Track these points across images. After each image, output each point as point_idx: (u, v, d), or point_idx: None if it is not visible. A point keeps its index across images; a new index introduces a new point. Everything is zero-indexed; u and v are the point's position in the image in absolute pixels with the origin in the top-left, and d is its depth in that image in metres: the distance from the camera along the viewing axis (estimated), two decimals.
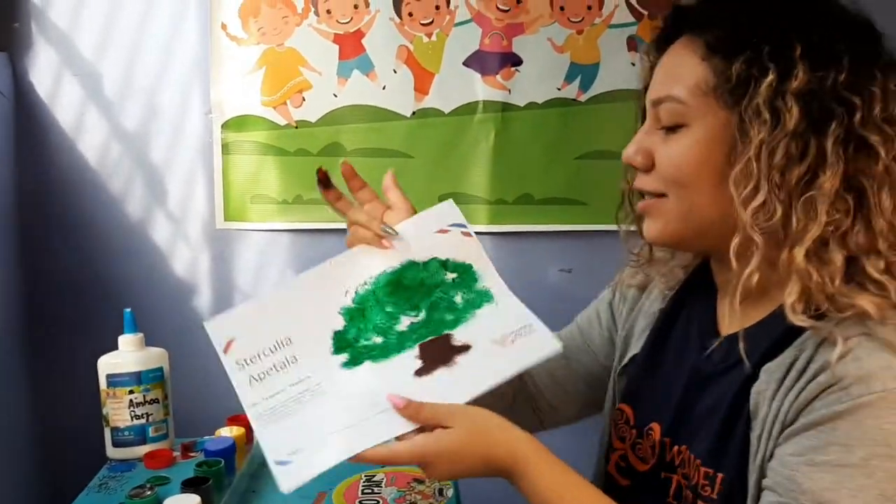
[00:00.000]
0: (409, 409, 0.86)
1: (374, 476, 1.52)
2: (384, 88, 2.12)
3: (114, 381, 1.60)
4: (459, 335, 0.95)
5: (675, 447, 0.97)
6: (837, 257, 0.81)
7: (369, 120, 2.13)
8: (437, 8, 2.09)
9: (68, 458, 1.96)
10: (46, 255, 2.14)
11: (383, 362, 0.94)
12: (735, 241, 0.85)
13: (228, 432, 1.58)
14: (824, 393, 0.78)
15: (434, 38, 2.10)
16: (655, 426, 1.00)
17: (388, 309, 0.97)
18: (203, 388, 2.10)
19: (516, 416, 0.92)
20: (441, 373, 0.92)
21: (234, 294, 2.19)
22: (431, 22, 2.10)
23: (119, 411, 1.60)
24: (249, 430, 1.61)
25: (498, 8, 2.09)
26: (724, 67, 0.85)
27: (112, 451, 1.63)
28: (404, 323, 0.96)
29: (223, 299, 2.17)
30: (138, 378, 1.61)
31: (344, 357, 0.95)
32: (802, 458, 0.78)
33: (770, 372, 0.85)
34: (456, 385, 0.90)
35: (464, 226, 0.99)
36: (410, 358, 0.94)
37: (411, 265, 0.98)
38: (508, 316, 0.95)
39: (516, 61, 2.10)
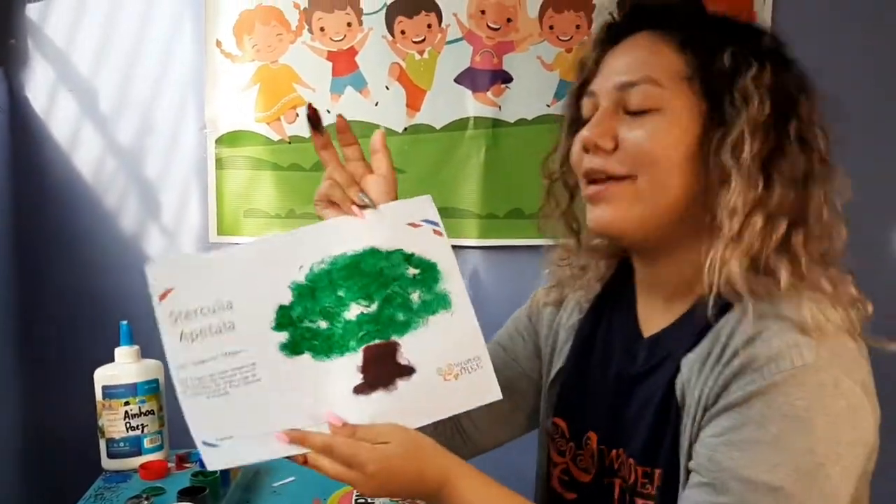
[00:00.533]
0: (345, 430, 0.85)
1: None
2: (377, 105, 2.16)
3: (110, 392, 1.62)
4: (406, 348, 0.91)
5: (613, 451, 0.99)
6: (781, 228, 0.87)
7: (362, 135, 2.07)
8: (429, 26, 2.13)
9: (64, 470, 1.97)
10: (42, 268, 2.15)
11: (324, 362, 0.90)
12: (705, 221, 0.89)
13: None
14: (738, 375, 0.82)
15: (426, 55, 2.14)
16: (592, 435, 1.02)
17: (340, 293, 0.92)
18: None
19: (439, 437, 0.93)
20: (379, 396, 0.89)
21: None
22: (423, 40, 2.14)
23: (114, 423, 1.62)
24: None
25: (489, 26, 2.13)
26: (703, 60, 0.90)
27: (107, 463, 1.65)
28: (353, 311, 0.92)
29: None
30: (134, 390, 1.63)
31: (283, 336, 0.90)
32: (721, 439, 0.82)
33: (691, 362, 0.88)
34: (388, 414, 0.89)
35: (436, 224, 0.95)
36: (352, 365, 0.90)
37: (374, 252, 0.93)
38: (460, 336, 0.93)
39: (506, 79, 2.14)
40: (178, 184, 2.19)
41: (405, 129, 2.15)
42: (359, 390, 0.89)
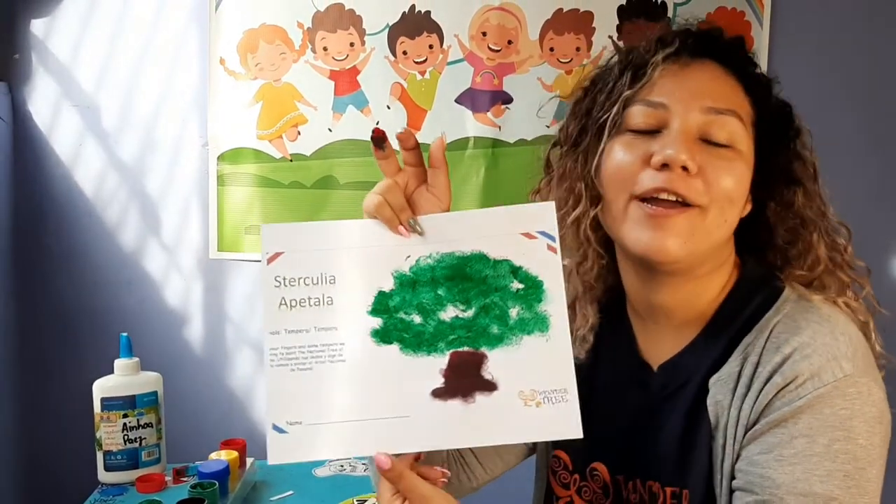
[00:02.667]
0: (391, 473, 0.84)
1: (365, 501, 1.53)
2: (378, 123, 2.17)
3: (108, 404, 1.61)
4: (493, 362, 0.88)
5: (630, 483, 0.98)
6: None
7: (363, 154, 2.18)
8: (431, 47, 2.16)
9: (60, 482, 1.96)
10: (42, 282, 2.16)
11: (410, 357, 0.89)
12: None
13: (222, 456, 1.58)
14: (782, 392, 0.84)
15: (427, 75, 2.16)
16: (600, 466, 1.01)
17: (440, 291, 0.90)
18: (195, 415, 2.12)
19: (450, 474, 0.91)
20: (455, 405, 0.87)
21: (226, 323, 2.21)
22: (425, 60, 2.16)
23: (112, 435, 1.61)
24: (243, 454, 1.63)
25: (490, 48, 2.15)
26: (758, 110, 0.93)
27: (104, 476, 1.63)
28: (449, 313, 0.90)
29: (216, 328, 2.20)
30: (133, 402, 1.62)
31: (377, 322, 0.89)
32: (771, 455, 0.84)
33: (721, 382, 0.90)
34: (459, 425, 0.87)
35: (553, 238, 0.90)
36: (436, 367, 0.89)
37: (481, 257, 0.90)
38: (551, 363, 0.88)
39: (507, 99, 2.17)
40: (179, 200, 2.20)
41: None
42: (437, 394, 0.88)
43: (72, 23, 2.14)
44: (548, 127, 2.15)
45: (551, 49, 2.16)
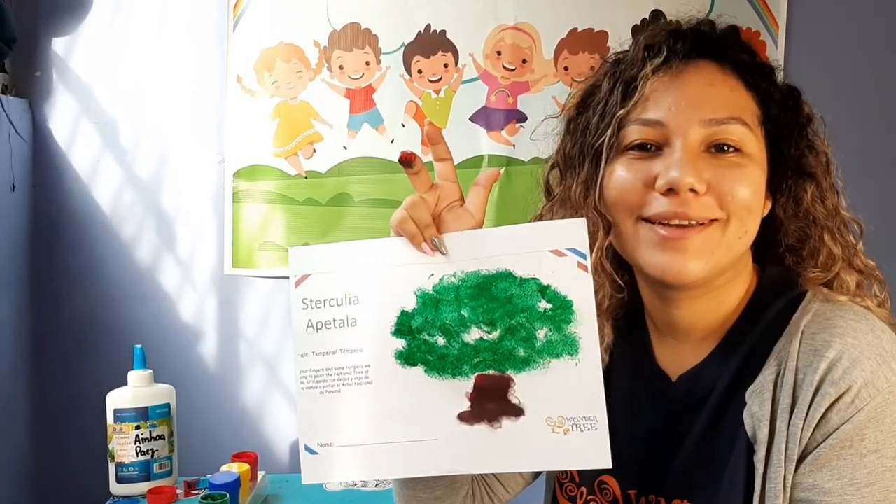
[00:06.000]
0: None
1: None
2: (392, 142, 2.19)
3: (121, 416, 1.62)
4: (519, 386, 0.86)
5: (643, 498, 0.94)
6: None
7: (377, 172, 2.19)
8: (446, 66, 2.17)
9: (72, 494, 1.97)
10: (58, 296, 2.18)
11: (436, 380, 0.87)
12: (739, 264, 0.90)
13: (233, 468, 1.58)
14: (837, 404, 0.80)
15: (442, 94, 2.18)
16: (610, 480, 0.97)
17: (464, 311, 0.87)
18: (207, 429, 2.12)
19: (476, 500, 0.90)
20: (480, 429, 0.85)
21: (240, 338, 2.22)
22: (440, 79, 2.18)
23: (125, 447, 1.62)
24: (254, 467, 1.63)
25: (504, 67, 2.17)
26: (764, 105, 0.89)
27: (115, 488, 1.64)
28: (474, 335, 0.87)
29: (229, 343, 2.21)
30: (145, 414, 1.62)
31: (400, 344, 0.87)
32: (846, 481, 0.79)
33: (757, 392, 0.85)
34: (486, 450, 0.85)
35: (583, 256, 0.85)
36: (461, 391, 0.87)
37: (508, 276, 0.87)
38: (580, 389, 0.85)
39: (521, 118, 2.18)
40: (195, 216, 2.21)
41: None
42: (462, 418, 0.86)
43: (92, 42, 2.17)
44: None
45: (566, 68, 2.17)
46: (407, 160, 0.87)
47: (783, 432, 0.82)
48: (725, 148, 0.85)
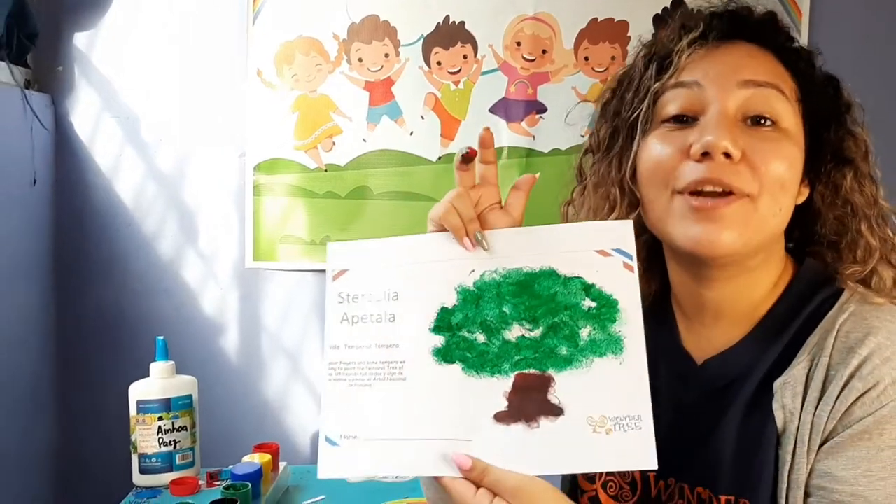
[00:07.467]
0: (473, 473, 0.79)
1: None
2: (412, 134, 2.18)
3: (144, 407, 1.63)
4: (560, 385, 0.83)
5: (661, 482, 0.94)
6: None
7: (397, 164, 2.19)
8: (465, 57, 2.17)
9: (96, 485, 1.99)
10: (80, 289, 2.19)
11: (472, 378, 0.85)
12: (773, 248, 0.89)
13: (255, 459, 1.59)
14: (861, 399, 0.79)
15: (461, 85, 2.17)
16: None
17: (505, 308, 0.86)
18: (229, 421, 2.13)
19: None
20: (518, 429, 0.83)
21: (261, 331, 2.23)
22: (459, 70, 2.17)
23: (147, 438, 1.63)
24: (276, 457, 1.63)
25: (524, 58, 2.16)
26: (803, 85, 0.88)
27: (138, 479, 1.65)
28: (515, 332, 0.85)
29: (251, 336, 2.22)
30: (168, 405, 1.63)
31: (439, 341, 0.86)
32: (860, 471, 0.79)
33: (789, 385, 0.84)
34: (522, 451, 0.82)
35: (629, 256, 0.84)
36: (499, 389, 0.84)
37: (551, 274, 0.85)
38: (624, 388, 0.83)
39: (541, 109, 2.17)
40: (216, 209, 2.22)
41: (439, 157, 2.18)
42: (499, 418, 0.83)
43: (113, 36, 2.19)
44: (582, 136, 2.14)
45: (586, 58, 2.16)
46: (472, 157, 0.86)
47: (807, 423, 0.82)
48: (762, 121, 0.83)
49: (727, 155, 0.81)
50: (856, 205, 0.89)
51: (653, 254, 0.97)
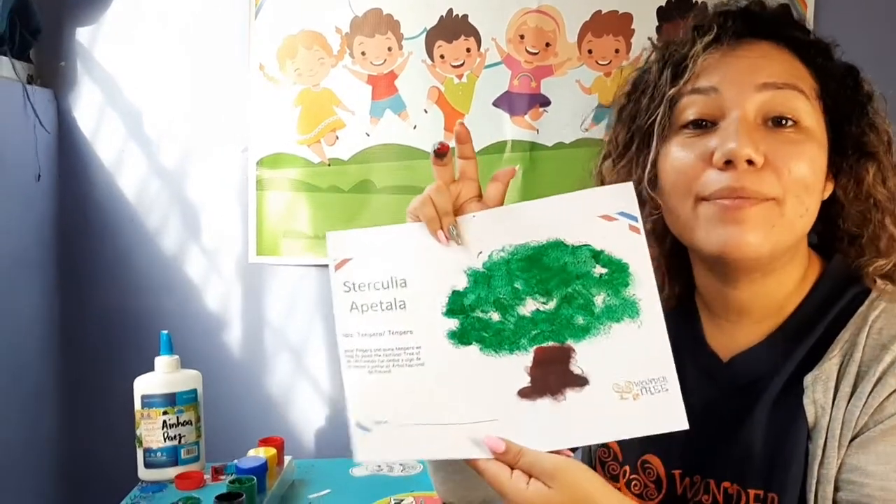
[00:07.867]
0: (507, 456, 0.78)
1: (402, 500, 1.53)
2: (415, 128, 2.18)
3: (148, 401, 1.63)
4: (581, 355, 0.82)
5: (688, 479, 0.93)
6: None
7: (400, 158, 2.19)
8: (468, 51, 2.16)
9: (101, 479, 1.99)
10: (84, 285, 2.20)
11: (491, 357, 0.84)
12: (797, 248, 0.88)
13: (260, 453, 1.59)
14: (894, 394, 0.79)
15: (464, 79, 2.17)
16: (653, 459, 0.96)
17: (517, 285, 0.85)
18: (233, 415, 2.13)
19: None
20: (545, 404, 0.81)
21: (265, 326, 2.23)
22: (462, 64, 2.17)
23: (152, 432, 1.63)
24: (281, 452, 1.63)
25: (527, 51, 2.15)
26: (822, 81, 0.87)
27: (144, 473, 1.65)
28: (529, 307, 0.84)
29: (254, 330, 2.22)
30: (172, 399, 1.63)
31: (453, 324, 0.85)
32: (891, 467, 0.78)
33: (820, 380, 0.84)
34: (551, 425, 0.81)
35: (634, 218, 0.84)
36: (520, 365, 0.83)
37: (558, 245, 0.84)
38: (645, 351, 0.82)
39: (544, 102, 2.16)
40: (219, 204, 2.22)
41: None
42: (524, 394, 0.82)
43: (116, 31, 2.18)
44: (585, 130, 2.14)
45: (590, 51, 2.15)
46: (443, 152, 0.86)
47: (839, 419, 0.81)
48: (783, 122, 0.83)
49: (750, 162, 0.80)
50: (878, 199, 0.88)
51: (675, 256, 0.96)
